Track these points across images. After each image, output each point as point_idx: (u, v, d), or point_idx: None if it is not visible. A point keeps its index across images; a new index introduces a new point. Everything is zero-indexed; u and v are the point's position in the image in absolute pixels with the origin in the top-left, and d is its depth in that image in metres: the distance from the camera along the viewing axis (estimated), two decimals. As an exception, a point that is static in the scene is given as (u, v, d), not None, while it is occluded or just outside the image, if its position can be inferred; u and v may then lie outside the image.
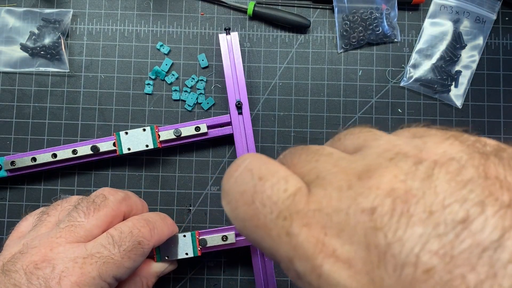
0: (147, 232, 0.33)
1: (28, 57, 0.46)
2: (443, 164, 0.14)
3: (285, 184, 0.16)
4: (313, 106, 0.47)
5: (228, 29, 0.44)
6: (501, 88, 0.47)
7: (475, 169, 0.13)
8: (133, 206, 0.36)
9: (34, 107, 0.46)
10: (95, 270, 0.29)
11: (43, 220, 0.33)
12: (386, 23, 0.46)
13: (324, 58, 0.47)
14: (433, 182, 0.13)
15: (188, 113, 0.46)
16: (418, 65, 0.47)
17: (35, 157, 0.42)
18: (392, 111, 0.47)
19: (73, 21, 0.47)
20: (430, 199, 0.13)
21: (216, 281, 0.45)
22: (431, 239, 0.12)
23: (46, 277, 0.28)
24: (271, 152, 0.46)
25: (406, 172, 0.14)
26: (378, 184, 0.14)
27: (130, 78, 0.46)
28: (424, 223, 0.12)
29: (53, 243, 0.30)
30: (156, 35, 0.47)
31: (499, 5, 0.47)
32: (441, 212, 0.13)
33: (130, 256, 0.31)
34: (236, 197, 0.17)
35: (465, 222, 0.12)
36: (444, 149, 0.14)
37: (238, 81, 0.44)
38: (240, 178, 0.17)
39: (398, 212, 0.13)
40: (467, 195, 0.13)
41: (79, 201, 0.33)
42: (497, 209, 0.12)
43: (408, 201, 0.13)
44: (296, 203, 0.15)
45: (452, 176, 0.13)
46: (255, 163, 0.18)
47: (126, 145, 0.42)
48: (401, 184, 0.13)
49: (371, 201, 0.14)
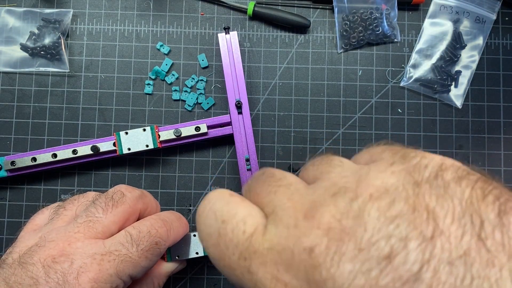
0: (164, 233, 0.33)
1: (28, 57, 0.46)
2: (376, 199, 0.15)
3: (244, 226, 0.18)
4: (313, 106, 0.47)
5: (227, 28, 0.44)
6: (501, 88, 0.47)
7: (405, 202, 0.14)
8: (148, 204, 0.36)
9: (34, 107, 0.46)
10: (112, 267, 0.29)
11: (59, 214, 0.33)
12: (386, 23, 0.46)
13: (324, 58, 0.47)
14: (364, 219, 0.14)
15: (188, 113, 0.46)
16: (418, 65, 0.47)
17: (35, 157, 0.42)
18: (392, 111, 0.47)
19: (73, 21, 0.47)
20: (360, 237, 0.14)
21: (216, 281, 0.45)
22: (359, 275, 0.13)
23: (64, 271, 0.28)
24: (271, 152, 0.46)
25: (342, 211, 0.15)
26: (318, 224, 0.15)
27: (130, 78, 0.46)
28: (353, 260, 0.14)
29: (71, 238, 0.30)
30: (156, 35, 0.47)
31: (499, 5, 0.47)
32: (368, 249, 0.14)
33: (147, 256, 0.31)
34: (206, 238, 0.19)
35: (389, 257, 0.13)
36: (382, 180, 0.16)
37: (237, 81, 0.44)
38: (206, 220, 0.19)
39: (332, 250, 0.14)
40: (393, 230, 0.14)
41: (97, 197, 0.33)
42: (419, 242, 0.13)
43: (342, 239, 0.14)
44: (253, 244, 0.17)
45: (382, 212, 0.14)
46: (218, 205, 0.19)
47: (126, 145, 0.42)
48: (337, 223, 0.15)
49: (311, 240, 0.15)
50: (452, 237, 0.13)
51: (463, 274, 0.13)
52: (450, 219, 0.14)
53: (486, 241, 0.13)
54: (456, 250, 0.13)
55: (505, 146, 0.46)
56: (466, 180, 0.15)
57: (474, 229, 0.13)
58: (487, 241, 0.13)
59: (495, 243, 0.13)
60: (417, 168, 0.16)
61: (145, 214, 0.36)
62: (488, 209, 0.14)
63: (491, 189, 0.15)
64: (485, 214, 0.14)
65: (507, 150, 0.46)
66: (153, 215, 0.35)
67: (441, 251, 0.13)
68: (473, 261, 0.13)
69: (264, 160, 0.46)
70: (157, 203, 0.38)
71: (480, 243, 0.13)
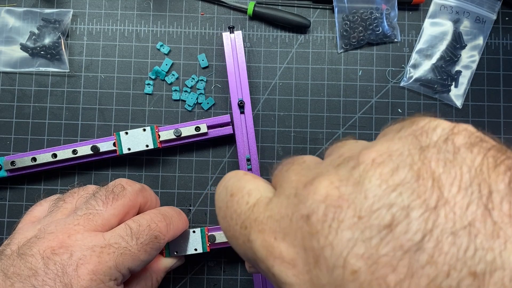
0: (164, 227, 0.33)
1: (28, 57, 0.46)
2: (379, 164, 0.14)
3: (248, 197, 0.18)
4: (313, 106, 0.47)
5: (232, 27, 0.44)
6: (501, 88, 0.47)
7: (409, 169, 0.14)
8: (148, 199, 0.36)
9: (34, 107, 0.46)
10: (112, 260, 0.29)
11: (59, 206, 0.33)
12: (386, 23, 0.46)
13: (324, 58, 0.47)
14: (365, 186, 0.14)
15: (188, 113, 0.46)
16: (418, 65, 0.47)
17: (35, 157, 0.42)
18: (392, 111, 0.47)
19: (73, 21, 0.47)
20: (360, 204, 0.14)
21: (216, 281, 0.45)
22: (358, 243, 0.13)
23: (63, 263, 0.28)
24: (271, 152, 0.46)
25: (341, 178, 0.15)
26: (315, 191, 0.15)
27: (130, 78, 0.46)
28: (352, 228, 0.13)
29: (71, 230, 0.30)
30: (156, 35, 0.47)
31: (499, 5, 0.47)
32: (369, 217, 0.13)
33: (146, 249, 0.31)
34: (218, 211, 0.20)
35: (391, 226, 0.13)
36: (388, 146, 0.15)
37: (241, 80, 0.44)
38: (219, 195, 0.20)
39: (330, 217, 0.14)
40: (395, 199, 0.13)
41: (97, 190, 0.33)
42: (422, 212, 0.13)
43: (340, 206, 0.14)
44: (254, 212, 0.17)
45: (384, 179, 0.14)
46: (231, 181, 0.20)
47: (126, 145, 0.42)
48: (335, 190, 0.15)
49: (307, 207, 0.15)
50: (457, 207, 0.13)
51: (467, 245, 0.12)
52: (456, 187, 0.13)
53: (493, 212, 0.13)
54: (460, 221, 0.13)
55: (505, 146, 0.46)
56: (479, 147, 0.14)
57: (481, 199, 0.13)
58: (493, 212, 0.13)
59: (502, 215, 0.13)
60: (425, 131, 0.15)
61: (145, 208, 0.36)
62: (498, 179, 0.13)
63: (504, 159, 0.14)
64: (494, 184, 0.13)
65: (507, 150, 0.46)
66: (154, 209, 0.35)
67: (445, 221, 0.13)
68: (477, 232, 0.12)
69: (264, 160, 0.46)
70: (157, 198, 0.38)
71: (487, 213, 0.13)
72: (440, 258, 0.12)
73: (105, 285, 0.29)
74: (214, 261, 0.45)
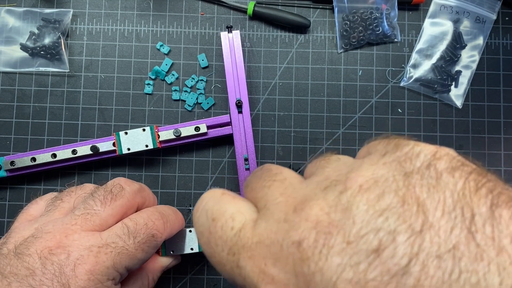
0: (161, 225, 0.33)
1: (28, 57, 0.46)
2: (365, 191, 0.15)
3: (232, 222, 0.18)
4: (313, 106, 0.47)
5: (230, 27, 0.44)
6: (501, 88, 0.47)
7: (395, 194, 0.14)
8: (146, 198, 0.36)
9: (34, 107, 0.46)
10: (109, 259, 0.29)
11: (56, 206, 0.33)
12: (386, 23, 0.46)
13: (324, 58, 0.47)
14: (353, 212, 0.14)
15: (188, 113, 0.46)
16: (418, 65, 0.47)
17: (35, 157, 0.42)
18: (392, 111, 0.47)
19: (73, 21, 0.47)
20: (348, 230, 0.14)
21: (216, 281, 0.45)
22: (347, 268, 0.14)
23: (60, 263, 0.28)
24: (271, 152, 0.46)
25: (330, 204, 0.15)
26: (307, 217, 0.15)
27: (130, 78, 0.46)
28: (341, 254, 0.14)
29: (68, 230, 0.30)
30: (156, 35, 0.47)
31: (499, 5, 0.47)
32: (357, 242, 0.14)
33: (143, 248, 0.31)
34: (199, 236, 0.20)
35: (378, 251, 0.13)
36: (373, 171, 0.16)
37: (239, 80, 0.44)
38: (198, 219, 0.20)
39: (320, 243, 0.14)
40: (381, 224, 0.14)
41: (96, 189, 0.33)
42: (408, 236, 0.13)
43: (330, 232, 0.14)
44: (241, 238, 0.17)
45: (370, 204, 0.14)
46: (210, 204, 0.20)
47: (126, 145, 0.42)
48: (326, 216, 0.15)
49: (299, 234, 0.15)
50: (442, 231, 0.13)
51: (451, 268, 0.13)
52: (440, 212, 0.14)
53: (476, 235, 0.13)
54: (445, 244, 0.13)
55: (505, 146, 0.46)
56: (460, 171, 0.15)
57: (464, 222, 0.13)
58: (477, 235, 0.13)
59: (485, 237, 0.13)
60: (409, 157, 0.16)
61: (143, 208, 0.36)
62: (480, 202, 0.14)
63: (485, 182, 0.14)
64: (477, 207, 0.14)
65: (507, 150, 0.46)
66: (150, 207, 0.35)
67: (430, 244, 0.13)
68: (461, 255, 0.13)
69: (264, 160, 0.46)
70: (154, 197, 0.38)
71: (470, 236, 0.13)
72: (426, 281, 0.13)
73: (103, 285, 0.29)
74: (214, 261, 0.45)
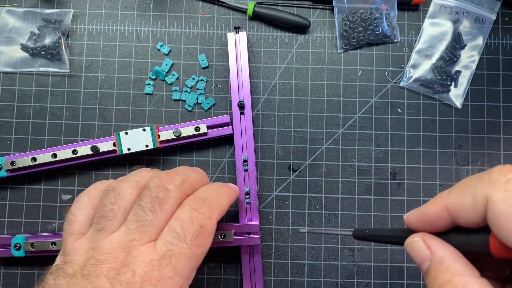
0: (206, 212, 0.31)
1: (28, 57, 0.46)
2: None
3: None
4: (313, 106, 0.47)
5: (238, 28, 0.44)
6: (501, 88, 0.47)
7: None
8: (193, 184, 0.34)
9: (34, 107, 0.46)
10: (171, 271, 0.29)
11: (103, 225, 0.31)
12: (386, 23, 0.46)
13: (324, 58, 0.47)
14: None
15: (188, 113, 0.46)
16: (417, 65, 0.47)
17: (35, 157, 0.43)
18: (391, 111, 0.47)
19: (73, 21, 0.47)
20: None
21: (216, 281, 0.45)
22: None
23: (128, 281, 0.28)
24: (271, 152, 0.46)
25: None
26: None
27: (130, 78, 0.47)
28: None
29: (128, 248, 0.29)
30: (156, 35, 0.47)
31: (499, 5, 0.47)
32: None
33: (197, 243, 0.30)
34: None
35: None
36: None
37: (242, 81, 0.44)
38: None
39: None
40: None
41: (142, 197, 0.31)
42: None
43: None
44: None
45: None
46: None
47: (126, 145, 0.42)
48: None
49: None
50: None
51: None
52: None
53: None
54: None
55: (505, 146, 0.46)
56: None
57: None
58: None
59: None
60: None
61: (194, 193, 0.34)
62: None
63: None
64: None
65: (507, 150, 0.46)
66: (190, 196, 0.33)
67: None
68: None
69: (264, 160, 0.46)
70: (202, 175, 0.36)
71: None
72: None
73: None
74: (214, 261, 0.45)
